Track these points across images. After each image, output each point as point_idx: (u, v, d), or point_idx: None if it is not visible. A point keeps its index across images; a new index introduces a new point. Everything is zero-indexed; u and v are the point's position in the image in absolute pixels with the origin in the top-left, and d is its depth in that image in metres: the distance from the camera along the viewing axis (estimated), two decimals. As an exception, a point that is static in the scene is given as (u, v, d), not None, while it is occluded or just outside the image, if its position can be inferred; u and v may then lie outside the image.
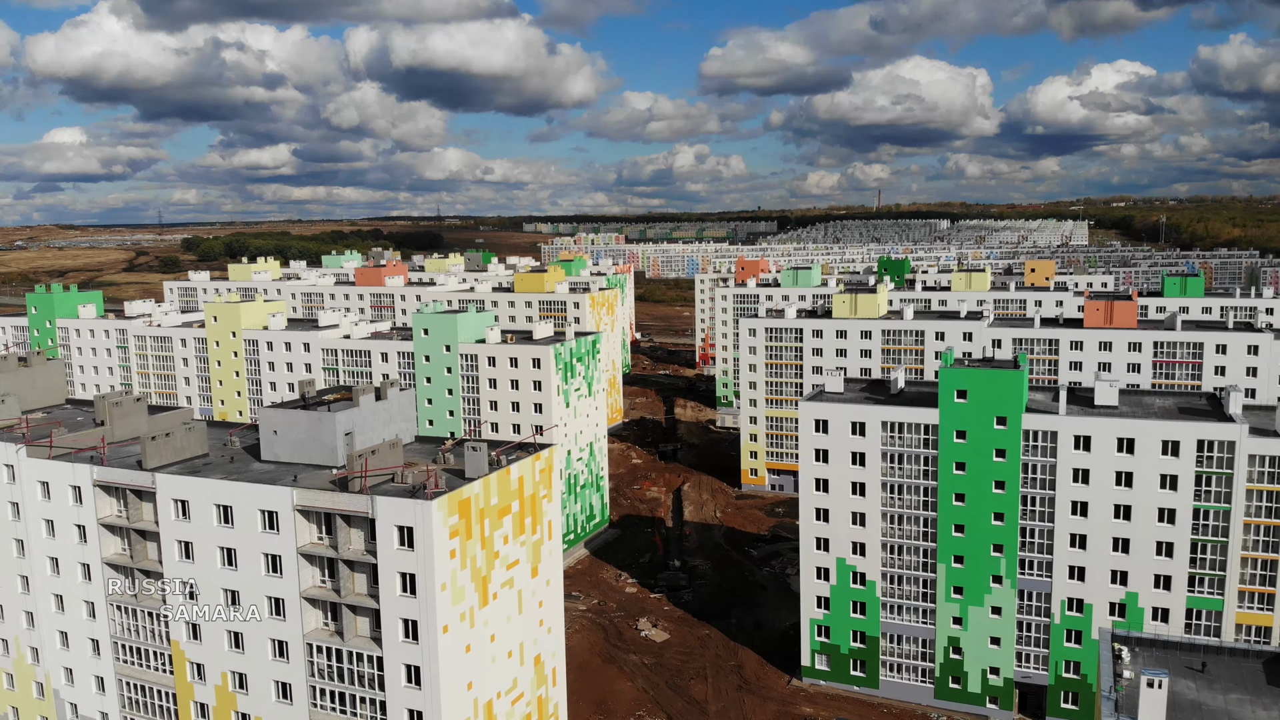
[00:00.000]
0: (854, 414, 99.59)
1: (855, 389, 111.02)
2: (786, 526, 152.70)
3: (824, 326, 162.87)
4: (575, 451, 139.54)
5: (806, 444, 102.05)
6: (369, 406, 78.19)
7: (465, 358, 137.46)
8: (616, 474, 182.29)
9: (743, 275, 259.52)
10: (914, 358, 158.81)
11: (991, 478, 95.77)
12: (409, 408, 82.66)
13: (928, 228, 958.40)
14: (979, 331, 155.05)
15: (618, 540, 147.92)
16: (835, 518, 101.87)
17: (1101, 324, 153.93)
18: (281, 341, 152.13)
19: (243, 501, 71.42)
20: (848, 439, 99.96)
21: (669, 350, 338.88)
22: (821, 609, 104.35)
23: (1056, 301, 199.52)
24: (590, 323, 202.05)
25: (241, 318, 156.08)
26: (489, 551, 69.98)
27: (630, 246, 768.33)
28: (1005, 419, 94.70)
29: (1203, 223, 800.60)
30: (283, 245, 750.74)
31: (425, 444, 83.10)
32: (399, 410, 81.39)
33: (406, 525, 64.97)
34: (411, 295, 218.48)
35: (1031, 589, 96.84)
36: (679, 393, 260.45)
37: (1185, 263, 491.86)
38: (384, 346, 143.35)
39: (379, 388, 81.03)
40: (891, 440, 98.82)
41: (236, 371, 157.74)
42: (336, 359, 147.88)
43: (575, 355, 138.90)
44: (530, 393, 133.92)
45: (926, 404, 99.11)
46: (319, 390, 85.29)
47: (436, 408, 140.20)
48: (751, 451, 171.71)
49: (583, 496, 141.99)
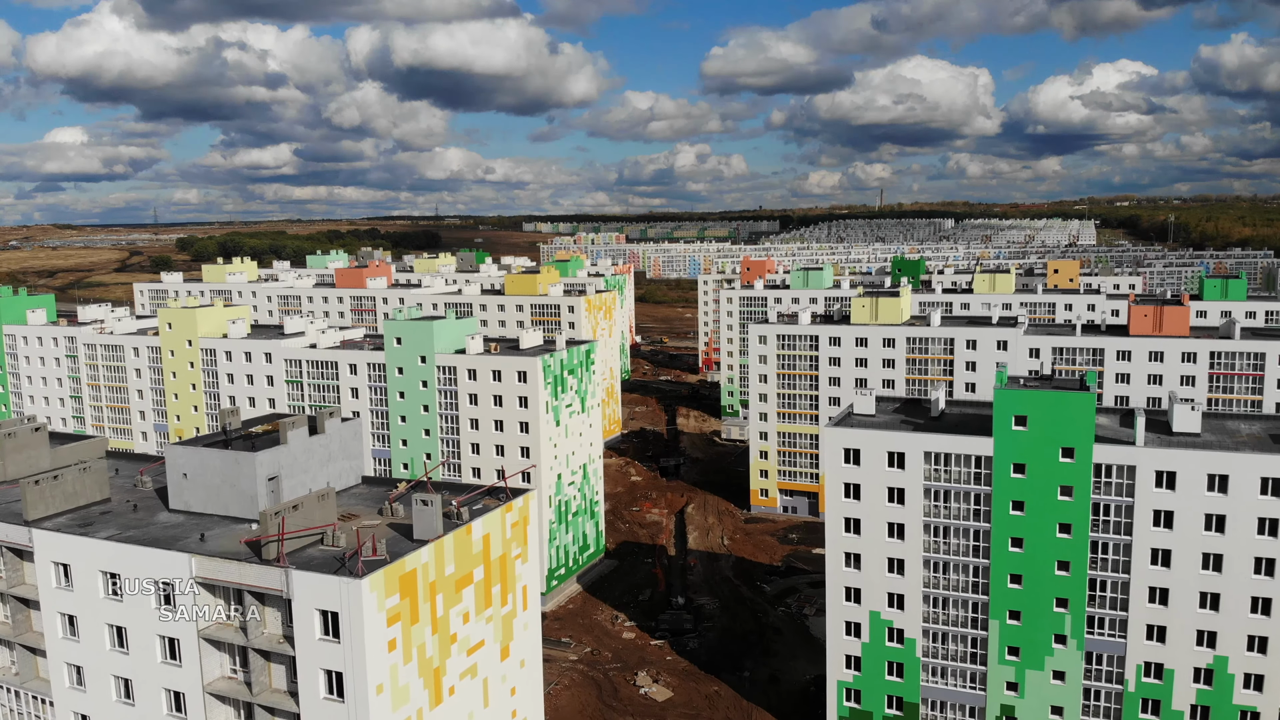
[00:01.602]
0: (891, 443, 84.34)
1: (887, 410, 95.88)
2: (802, 555, 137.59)
3: (842, 334, 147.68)
4: (566, 475, 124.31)
5: (834, 478, 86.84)
6: (300, 443, 63.03)
7: (443, 370, 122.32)
8: (614, 493, 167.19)
9: (749, 276, 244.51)
10: (942, 368, 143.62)
11: (1055, 519, 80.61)
12: (353, 442, 67.50)
13: (932, 227, 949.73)
14: (1014, 340, 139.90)
15: (614, 573, 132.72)
16: (868, 564, 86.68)
17: (1150, 331, 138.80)
18: (241, 351, 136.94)
19: (133, 568, 56.36)
20: (883, 472, 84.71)
21: (670, 354, 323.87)
22: (851, 670, 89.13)
23: (1088, 305, 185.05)
24: (586, 328, 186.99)
25: (198, 324, 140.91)
26: (443, 636, 54.80)
27: (631, 246, 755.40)
28: (1073, 450, 79.54)
29: (1212, 222, 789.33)
30: (277, 245, 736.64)
31: (374, 487, 67.99)
32: (340, 446, 66.26)
33: (330, 610, 49.83)
34: (394, 298, 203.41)
35: (1101, 651, 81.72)
36: (681, 401, 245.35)
37: (1200, 262, 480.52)
38: (353, 357, 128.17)
39: (314, 417, 65.95)
40: (936, 474, 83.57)
41: (193, 384, 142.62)
42: (301, 371, 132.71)
43: (566, 367, 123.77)
44: (515, 410, 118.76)
45: (977, 431, 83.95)
46: (246, 421, 70.14)
47: (411, 426, 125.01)
48: (761, 470, 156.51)
49: (575, 525, 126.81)
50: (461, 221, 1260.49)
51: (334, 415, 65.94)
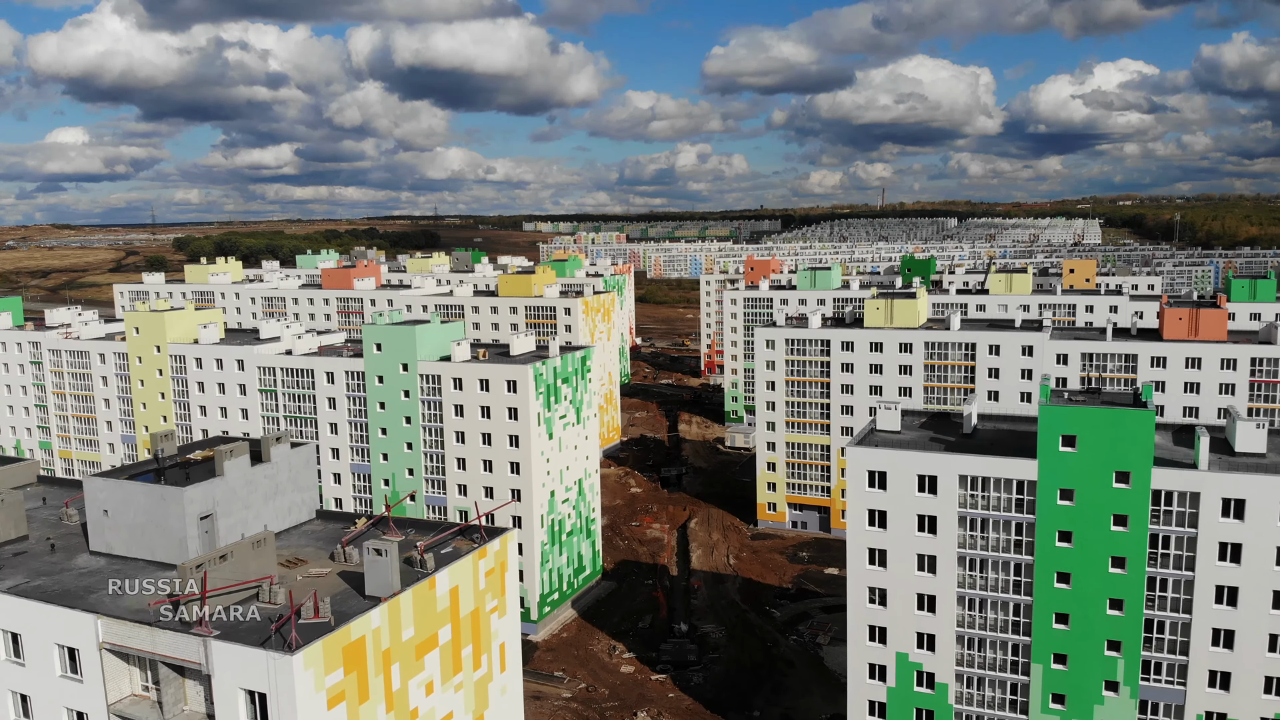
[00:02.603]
0: (922, 464, 75.15)
1: (913, 425, 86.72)
2: (813, 576, 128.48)
3: (855, 338, 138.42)
4: (560, 492, 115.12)
5: (856, 503, 77.62)
6: (240, 475, 53.85)
7: (426, 379, 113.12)
8: (612, 506, 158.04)
9: (753, 276, 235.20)
10: (963, 375, 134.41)
11: (1108, 553, 71.49)
12: (305, 471, 58.32)
13: (935, 226, 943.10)
14: (1041, 345, 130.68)
15: (612, 596, 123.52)
16: (895, 601, 77.48)
17: (1185, 335, 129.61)
18: (211, 358, 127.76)
19: (34, 629, 47.24)
20: (913, 498, 75.52)
21: (672, 357, 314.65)
22: (875, 717, 79.96)
23: (1110, 307, 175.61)
24: (583, 331, 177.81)
25: (166, 329, 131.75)
26: (400, 713, 45.62)
27: (631, 246, 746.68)
28: (1128, 475, 70.38)
29: (1218, 221, 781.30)
30: (274, 245, 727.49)
31: (330, 523, 58.79)
32: (290, 476, 57.09)
33: (257, 690, 40.68)
34: (383, 299, 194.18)
35: (1158, 700, 72.62)
36: (683, 406, 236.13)
37: (1209, 262, 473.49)
38: (330, 365, 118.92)
39: (260, 442, 56.81)
40: (972, 500, 74.41)
41: (162, 393, 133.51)
42: (274, 379, 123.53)
43: (560, 375, 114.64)
44: (504, 422, 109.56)
45: (1016, 451, 74.84)
46: (184, 446, 60.97)
47: (392, 439, 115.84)
48: (770, 483, 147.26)
49: (569, 546, 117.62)
50: (461, 221, 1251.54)
51: (281, 440, 56.75)
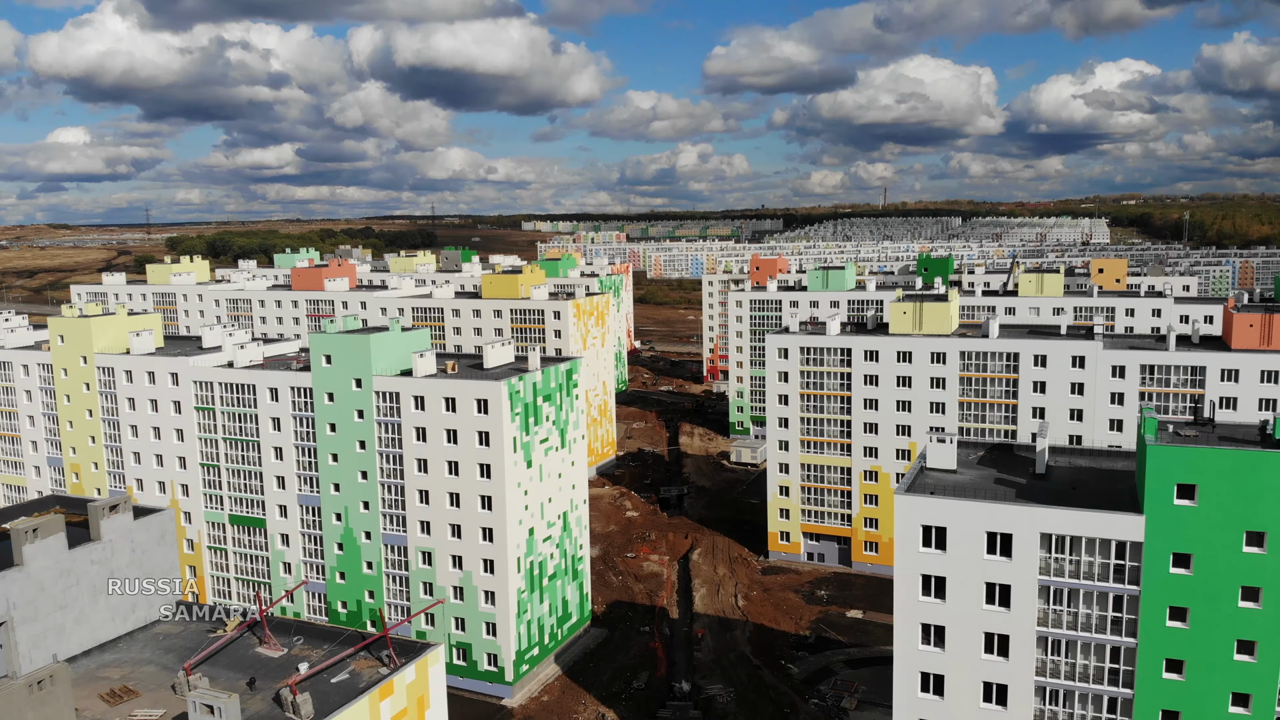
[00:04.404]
0: (993, 519, 58.75)
1: (969, 460, 70.46)
2: (834, 620, 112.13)
3: (880, 346, 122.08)
4: (541, 529, 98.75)
5: (908, 565, 61.22)
6: (51, 562, 37.43)
7: (382, 397, 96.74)
8: (606, 533, 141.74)
9: (758, 276, 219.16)
10: (1003, 390, 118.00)
11: (1233, 635, 55.31)
12: (156, 551, 41.86)
13: (940, 225, 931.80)
14: (1093, 355, 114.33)
15: (603, 647, 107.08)
16: (954, 691, 61.11)
17: (1257, 345, 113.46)
18: (142, 370, 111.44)
19: None
20: (980, 561, 59.14)
21: (672, 361, 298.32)
22: (926, 833, 63.63)
23: (1153, 310, 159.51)
24: (574, 337, 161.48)
25: (94, 338, 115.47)
26: None
27: (632, 245, 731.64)
28: (1262, 536, 54.15)
29: (1229, 220, 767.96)
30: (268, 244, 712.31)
31: (191, 623, 42.35)
32: (133, 558, 40.65)
33: None
34: (355, 301, 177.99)
35: (1299, 823, 56.28)
36: (684, 415, 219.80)
37: (1225, 261, 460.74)
38: (273, 379, 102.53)
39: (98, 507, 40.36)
40: (1057, 565, 58.05)
41: (89, 410, 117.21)
42: (213, 396, 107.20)
43: (541, 392, 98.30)
44: (474, 448, 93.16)
45: (1106, 499, 58.59)
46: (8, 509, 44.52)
47: (344, 467, 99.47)
48: (782, 509, 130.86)
49: (552, 591, 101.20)
50: (460, 221, 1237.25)
51: (120, 509, 40.34)
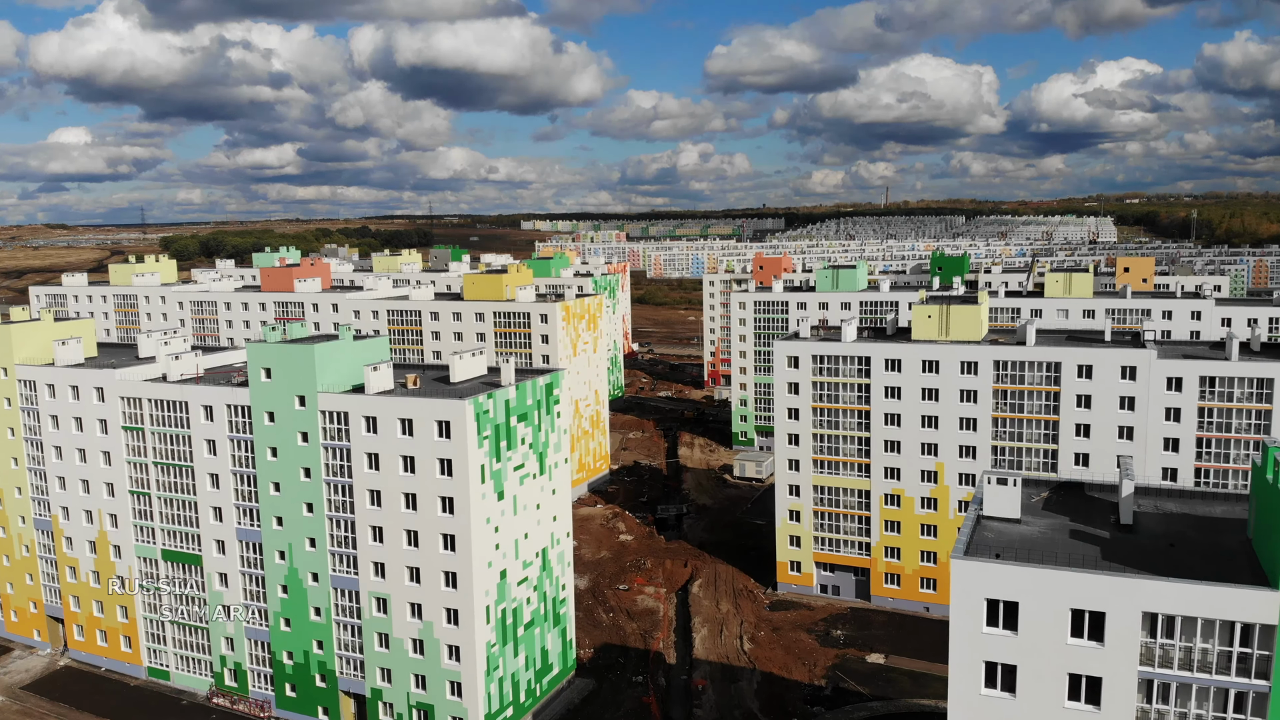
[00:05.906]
0: (1081, 591, 45.01)
1: (1033, 505, 56.76)
2: (853, 667, 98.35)
3: (903, 354, 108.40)
4: (515, 571, 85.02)
5: (967, 649, 47.43)
6: None
7: (329, 417, 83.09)
8: (596, 560, 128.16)
9: (763, 276, 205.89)
10: (1043, 404, 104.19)
11: None
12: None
13: (944, 224, 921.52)
14: (1146, 365, 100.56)
15: (589, 702, 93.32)
16: (1029, 812, 47.38)
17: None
18: (65, 384, 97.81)
19: None
20: (1064, 647, 45.41)
21: (672, 365, 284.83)
22: None
23: (1192, 312, 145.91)
24: (563, 342, 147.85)
25: (14, 348, 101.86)
26: None
27: (631, 244, 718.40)
28: None
29: (1237, 218, 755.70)
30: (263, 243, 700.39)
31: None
32: None
33: None
34: (327, 303, 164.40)
35: None
36: (684, 424, 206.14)
37: (1240, 260, 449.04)
38: (206, 396, 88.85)
39: None
40: (1163, 654, 44.34)
41: (11, 429, 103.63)
42: (142, 415, 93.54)
43: (515, 411, 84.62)
44: (435, 478, 79.49)
45: (1218, 563, 44.92)
46: None
47: (287, 499, 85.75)
48: (792, 536, 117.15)
49: (529, 642, 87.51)
50: (460, 220, 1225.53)
51: None
